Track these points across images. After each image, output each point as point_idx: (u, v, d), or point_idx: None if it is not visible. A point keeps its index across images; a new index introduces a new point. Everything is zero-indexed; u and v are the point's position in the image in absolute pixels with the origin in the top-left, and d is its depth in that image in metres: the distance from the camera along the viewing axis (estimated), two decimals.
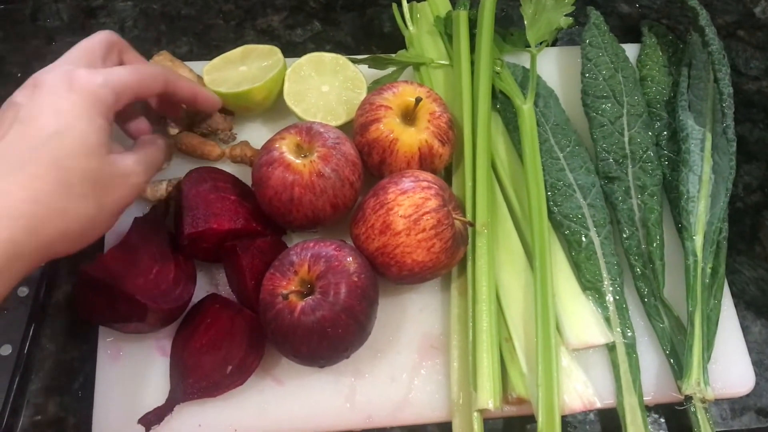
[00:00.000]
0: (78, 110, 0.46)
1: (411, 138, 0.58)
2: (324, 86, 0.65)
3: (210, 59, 0.69)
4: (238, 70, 0.65)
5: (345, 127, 0.63)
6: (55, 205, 0.44)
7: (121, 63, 0.54)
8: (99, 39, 0.52)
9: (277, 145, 0.57)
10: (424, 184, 0.55)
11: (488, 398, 0.53)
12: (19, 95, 0.47)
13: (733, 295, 0.64)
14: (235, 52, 0.66)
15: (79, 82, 0.46)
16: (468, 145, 0.63)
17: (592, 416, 0.59)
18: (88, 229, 0.46)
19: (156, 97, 0.58)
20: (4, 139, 0.44)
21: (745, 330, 0.63)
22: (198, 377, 0.55)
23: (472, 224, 0.58)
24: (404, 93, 0.60)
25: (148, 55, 0.71)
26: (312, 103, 0.64)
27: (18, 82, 0.47)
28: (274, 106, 0.67)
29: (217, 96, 0.61)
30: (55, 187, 0.44)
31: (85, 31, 0.74)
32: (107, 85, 0.47)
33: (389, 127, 0.58)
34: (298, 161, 0.56)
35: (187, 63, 0.68)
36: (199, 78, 0.65)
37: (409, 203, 0.54)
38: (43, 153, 0.44)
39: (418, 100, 0.58)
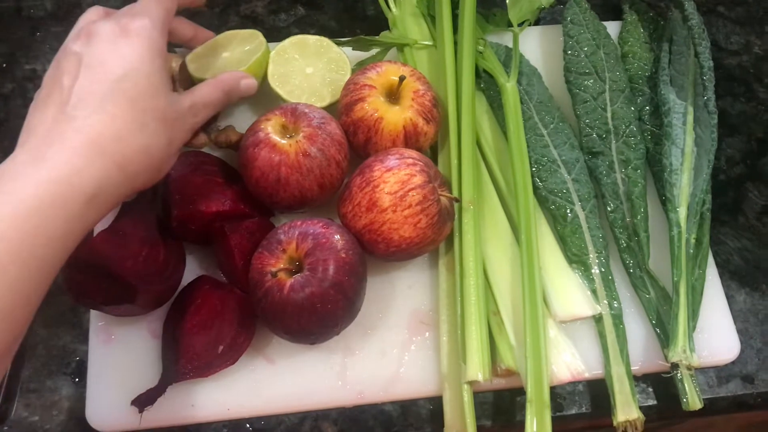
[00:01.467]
0: (138, 53, 0.48)
1: (395, 116, 0.59)
2: (308, 68, 0.65)
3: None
4: (221, 56, 0.65)
5: (330, 109, 0.63)
6: (137, 141, 0.47)
7: None
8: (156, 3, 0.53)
9: (262, 127, 0.57)
10: (410, 161, 0.56)
11: (477, 370, 0.54)
12: (75, 45, 0.49)
13: (718, 265, 0.65)
14: (217, 39, 0.66)
15: (130, 28, 0.49)
16: (453, 123, 0.63)
17: (581, 387, 0.60)
18: (164, 163, 0.50)
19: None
20: (77, 83, 0.46)
21: (730, 299, 0.64)
22: (190, 358, 0.55)
23: (458, 200, 0.58)
24: (388, 72, 0.60)
25: None
26: (296, 85, 0.64)
27: (2, 73, 0.47)
28: (259, 91, 0.67)
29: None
30: (135, 125, 0.47)
31: (69, 22, 0.74)
32: (155, 26, 0.50)
33: (374, 106, 0.59)
34: (284, 142, 0.56)
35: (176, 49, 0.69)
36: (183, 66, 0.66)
37: (394, 180, 0.55)
38: (118, 94, 0.46)
39: (402, 78, 0.59)
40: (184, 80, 0.66)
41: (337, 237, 0.54)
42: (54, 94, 0.47)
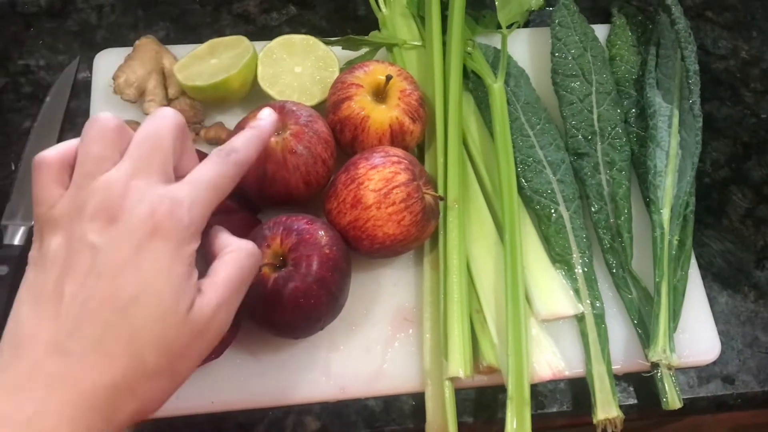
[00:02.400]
0: (159, 263, 0.39)
1: (382, 115, 0.59)
2: (297, 67, 0.66)
3: (187, 43, 0.71)
4: (209, 63, 0.66)
5: (320, 106, 0.64)
6: (129, 387, 0.38)
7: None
8: (169, 129, 0.42)
9: (249, 124, 0.58)
10: (394, 159, 0.56)
11: (459, 367, 0.55)
12: (93, 228, 0.39)
13: (701, 267, 0.66)
14: (202, 48, 0.67)
15: (162, 224, 0.39)
16: (440, 123, 0.64)
17: (562, 385, 0.61)
18: (158, 403, 0.41)
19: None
20: (81, 296, 0.38)
21: (712, 300, 0.64)
22: None
23: (443, 198, 0.59)
24: (375, 71, 0.61)
25: (125, 41, 0.73)
26: (286, 84, 0.65)
27: None
28: (250, 93, 0.68)
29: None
30: (131, 368, 0.38)
31: (63, 17, 0.75)
32: (192, 222, 0.40)
33: (360, 104, 0.59)
34: (271, 139, 0.57)
35: (167, 47, 0.69)
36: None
37: (379, 177, 0.55)
38: (119, 326, 0.38)
39: (389, 77, 0.59)
40: (173, 85, 0.66)
41: (322, 233, 0.54)
42: (51, 292, 0.38)
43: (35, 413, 0.36)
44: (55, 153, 0.41)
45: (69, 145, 0.42)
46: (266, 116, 0.49)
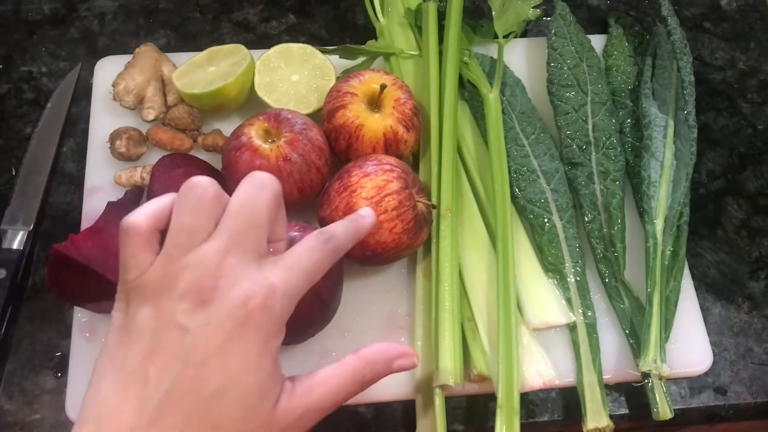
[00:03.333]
0: (247, 357, 0.37)
1: (376, 124, 0.60)
2: (294, 75, 0.66)
3: (187, 51, 0.72)
4: (207, 71, 0.67)
5: (316, 115, 0.64)
6: None
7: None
8: (266, 201, 0.40)
9: (245, 131, 0.59)
10: (387, 167, 0.57)
11: (449, 375, 0.55)
12: (183, 309, 0.37)
13: (695, 277, 0.66)
14: (201, 56, 0.67)
15: (254, 313, 0.37)
16: (435, 132, 0.64)
17: (554, 394, 0.61)
18: None
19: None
20: (165, 383, 0.37)
21: (706, 311, 0.64)
22: None
23: (435, 206, 0.59)
24: (370, 80, 0.61)
25: (126, 48, 0.74)
26: (283, 93, 0.66)
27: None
28: (248, 101, 0.68)
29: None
30: None
31: (65, 25, 0.76)
32: (282, 314, 0.39)
33: (355, 113, 0.60)
34: (265, 146, 0.58)
35: (167, 54, 0.70)
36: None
37: (371, 185, 0.56)
38: (201, 420, 0.37)
39: (383, 86, 0.60)
40: (172, 93, 0.67)
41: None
42: (136, 371, 0.37)
43: None
44: (145, 219, 0.40)
45: (159, 208, 0.40)
46: (369, 214, 0.49)
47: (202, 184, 0.40)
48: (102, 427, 0.37)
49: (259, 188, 0.41)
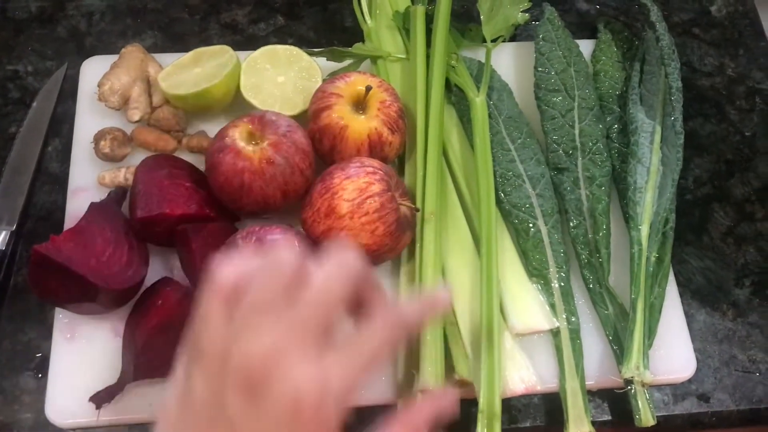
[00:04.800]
0: None
1: (361, 125, 0.60)
2: (280, 77, 0.66)
3: (174, 52, 0.72)
4: (192, 72, 0.66)
5: (303, 116, 0.64)
6: None
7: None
8: (341, 290, 0.38)
9: (229, 133, 0.59)
10: (369, 169, 0.57)
11: (430, 378, 0.55)
12: (234, 401, 0.36)
13: (680, 284, 0.66)
14: (186, 57, 0.67)
15: (303, 413, 0.36)
16: (421, 135, 0.64)
17: (536, 400, 0.61)
18: None
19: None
20: None
21: (690, 318, 0.64)
22: (148, 358, 0.56)
23: (418, 209, 0.59)
24: (356, 82, 0.61)
25: (113, 48, 0.73)
26: (269, 94, 0.66)
27: None
28: (234, 103, 0.68)
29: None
30: None
31: (53, 24, 0.76)
32: (335, 416, 0.37)
33: (340, 114, 0.60)
34: (248, 148, 0.58)
35: (153, 55, 0.70)
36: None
37: (353, 187, 0.56)
38: None
39: (368, 88, 0.60)
40: (157, 94, 0.67)
41: (294, 244, 0.55)
42: None
43: None
44: (227, 283, 0.38)
45: (241, 270, 0.38)
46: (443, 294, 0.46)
47: (284, 261, 0.38)
48: None
49: (338, 275, 0.39)
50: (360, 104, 0.61)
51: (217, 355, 0.37)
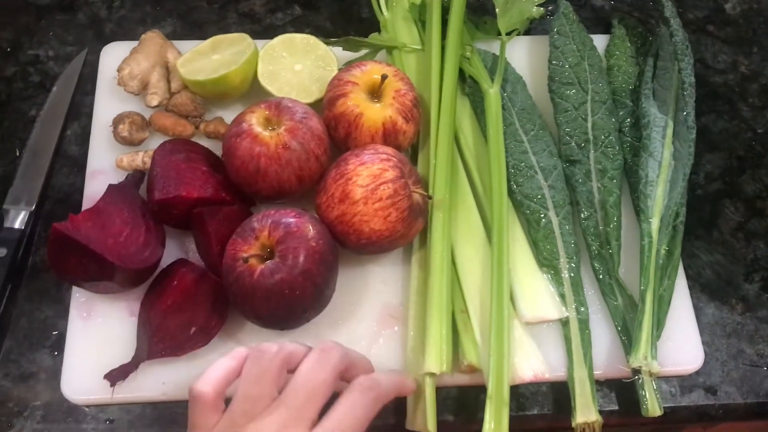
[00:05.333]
0: None
1: (375, 113, 0.60)
2: (297, 65, 0.67)
3: (192, 39, 0.73)
4: (211, 59, 0.67)
5: (318, 104, 0.65)
6: None
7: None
8: (330, 380, 0.48)
9: (246, 118, 0.59)
10: (383, 156, 0.57)
11: (435, 362, 0.55)
12: None
13: (689, 277, 0.66)
14: (205, 44, 0.68)
15: None
16: (434, 125, 0.65)
17: (544, 388, 0.61)
18: None
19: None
20: None
21: (699, 311, 0.65)
22: (162, 337, 0.57)
23: (431, 197, 0.60)
24: (371, 71, 0.62)
25: (133, 35, 0.74)
26: (286, 82, 0.67)
27: (6, 56, 0.47)
28: (250, 90, 0.69)
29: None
30: None
31: (74, 11, 0.77)
32: None
33: (355, 101, 0.61)
34: (265, 133, 0.58)
35: (172, 42, 0.71)
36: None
37: (367, 173, 0.56)
38: None
39: (384, 77, 0.61)
40: (176, 79, 0.68)
41: (309, 227, 0.55)
42: None
43: None
44: (212, 389, 0.46)
45: (225, 374, 0.47)
46: (410, 383, 0.54)
47: (269, 354, 0.47)
48: None
49: (322, 363, 0.47)
50: (375, 93, 0.62)
51: None
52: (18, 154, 0.68)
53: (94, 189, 0.65)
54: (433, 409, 0.56)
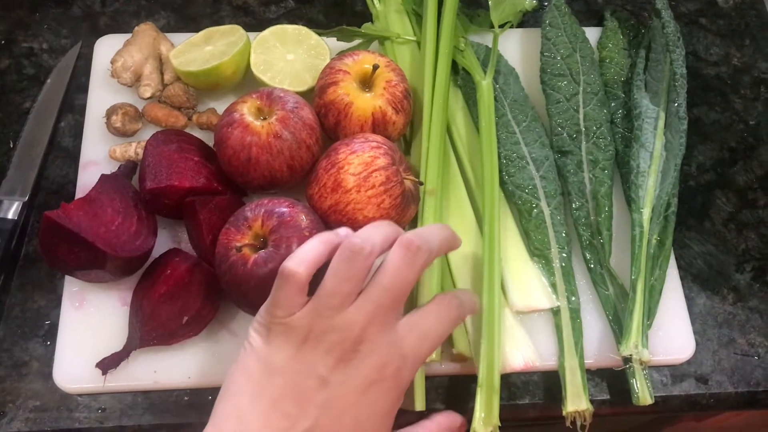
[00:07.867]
0: (375, 415, 0.45)
1: (365, 103, 0.61)
2: (289, 54, 0.67)
3: (186, 32, 0.73)
4: (204, 50, 0.68)
5: (311, 93, 0.65)
6: None
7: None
8: (415, 275, 0.47)
9: (238, 108, 0.60)
10: (374, 144, 0.58)
11: None
12: (325, 362, 0.44)
13: (681, 268, 0.66)
14: (198, 36, 0.69)
15: (386, 379, 0.45)
16: (427, 116, 0.65)
17: (535, 377, 0.61)
18: None
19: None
20: (300, 423, 0.43)
21: (691, 301, 0.65)
22: (154, 325, 0.57)
23: (422, 183, 0.60)
24: (363, 60, 0.62)
25: (127, 28, 0.75)
26: (278, 71, 0.67)
27: (0, 49, 0.47)
28: (243, 83, 0.69)
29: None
30: None
31: (68, 3, 0.77)
32: (409, 380, 0.47)
33: (345, 90, 0.61)
34: (256, 123, 0.59)
35: (166, 34, 0.71)
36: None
37: (358, 162, 0.57)
38: None
39: (375, 66, 0.61)
40: (169, 71, 0.68)
41: (302, 216, 0.56)
42: (274, 402, 0.44)
43: None
44: (305, 269, 0.45)
45: (317, 257, 0.46)
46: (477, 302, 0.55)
47: (362, 255, 0.45)
48: None
49: (410, 261, 0.46)
50: (366, 82, 0.62)
51: (305, 332, 0.44)
52: (12, 146, 0.69)
53: (87, 180, 0.65)
54: (422, 396, 0.56)
